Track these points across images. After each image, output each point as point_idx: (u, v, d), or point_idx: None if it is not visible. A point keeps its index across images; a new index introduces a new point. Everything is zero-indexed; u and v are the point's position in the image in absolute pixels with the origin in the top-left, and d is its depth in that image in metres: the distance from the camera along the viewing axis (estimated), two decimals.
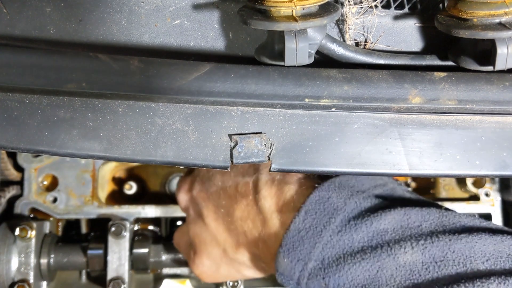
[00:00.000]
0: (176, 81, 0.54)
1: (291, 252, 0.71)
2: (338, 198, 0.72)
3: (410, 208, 0.71)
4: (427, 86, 0.56)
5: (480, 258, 0.66)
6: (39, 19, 0.59)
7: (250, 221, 0.78)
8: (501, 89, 0.56)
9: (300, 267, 0.71)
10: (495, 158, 0.60)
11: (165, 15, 0.59)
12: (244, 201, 0.79)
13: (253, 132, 0.58)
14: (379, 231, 0.69)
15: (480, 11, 0.54)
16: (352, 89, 0.55)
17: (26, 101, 0.56)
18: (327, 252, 0.70)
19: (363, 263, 0.68)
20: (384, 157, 0.59)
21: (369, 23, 0.61)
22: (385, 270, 0.67)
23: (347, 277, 0.68)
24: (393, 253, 0.67)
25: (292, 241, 0.71)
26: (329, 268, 0.69)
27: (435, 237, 0.68)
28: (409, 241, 0.68)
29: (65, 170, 0.97)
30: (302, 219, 0.72)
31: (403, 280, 0.66)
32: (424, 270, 0.66)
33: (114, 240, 0.93)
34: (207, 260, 0.84)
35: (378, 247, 0.68)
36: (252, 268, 0.83)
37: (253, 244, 0.79)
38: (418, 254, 0.67)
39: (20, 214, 0.96)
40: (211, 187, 0.83)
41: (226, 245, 0.82)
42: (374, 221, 0.69)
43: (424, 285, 0.65)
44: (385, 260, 0.67)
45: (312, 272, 0.70)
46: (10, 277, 0.89)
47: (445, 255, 0.66)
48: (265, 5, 0.53)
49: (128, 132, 0.57)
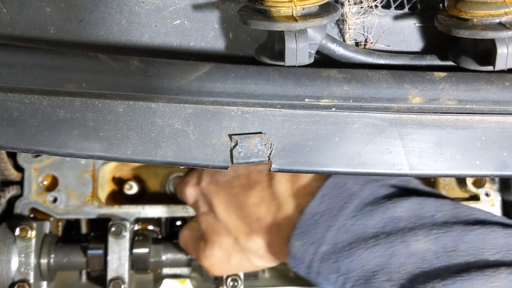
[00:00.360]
0: (176, 81, 0.54)
1: (305, 235, 0.72)
2: (354, 184, 0.73)
3: (424, 198, 0.72)
4: (427, 86, 0.56)
5: (491, 250, 0.67)
6: (39, 19, 0.59)
7: (265, 206, 0.79)
8: (501, 89, 0.56)
9: (313, 250, 0.71)
10: (495, 158, 0.60)
11: (165, 15, 0.59)
12: (259, 187, 0.79)
13: (253, 132, 0.58)
14: (394, 218, 0.70)
15: (480, 11, 0.54)
16: (352, 89, 0.55)
17: (26, 101, 0.56)
18: (340, 236, 0.70)
19: (375, 249, 0.68)
20: (384, 157, 0.59)
21: (369, 23, 0.61)
22: (397, 256, 0.67)
23: (359, 261, 0.68)
24: (406, 240, 0.68)
25: (307, 224, 0.72)
26: (342, 252, 0.69)
27: (449, 227, 0.68)
28: (423, 230, 0.68)
29: (65, 170, 0.97)
30: (318, 202, 0.72)
31: (413, 268, 0.67)
32: (434, 259, 0.67)
33: (114, 240, 0.93)
34: (219, 250, 0.84)
35: (392, 234, 0.69)
36: (264, 256, 0.82)
37: (267, 230, 0.79)
38: (430, 243, 0.67)
39: (20, 214, 0.96)
40: (221, 177, 0.83)
41: (238, 233, 0.81)
42: (389, 207, 0.70)
43: (434, 273, 0.66)
44: (397, 246, 0.68)
45: (325, 256, 0.70)
46: (10, 277, 0.89)
47: (457, 245, 0.67)
48: (265, 5, 0.53)
49: (128, 132, 0.57)
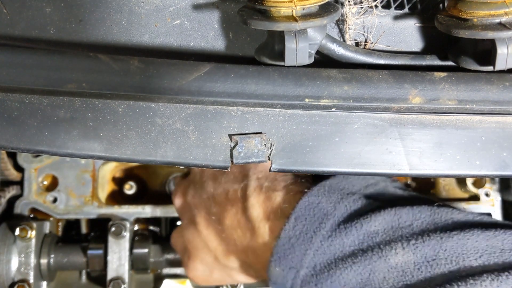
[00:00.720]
0: (176, 81, 0.54)
1: (283, 261, 0.71)
2: (327, 202, 0.72)
3: (400, 207, 0.71)
4: (427, 86, 0.56)
5: (473, 255, 0.66)
6: (39, 19, 0.59)
7: (240, 230, 0.78)
8: (501, 89, 0.56)
9: (293, 275, 0.70)
10: (495, 158, 0.60)
11: (165, 15, 0.59)
12: (234, 209, 0.79)
13: (253, 132, 0.58)
14: (370, 234, 0.69)
15: (480, 11, 0.54)
16: (352, 89, 0.55)
17: (26, 101, 0.56)
18: (318, 259, 0.69)
19: (354, 267, 0.67)
20: (384, 157, 0.59)
21: (369, 23, 0.61)
22: (377, 272, 0.67)
23: (339, 282, 0.68)
24: (384, 255, 0.67)
25: (283, 249, 0.71)
26: (321, 274, 0.69)
27: (426, 236, 0.67)
28: (400, 242, 0.67)
29: (65, 170, 0.97)
30: (292, 226, 0.71)
31: (395, 282, 0.66)
32: (416, 271, 0.66)
33: (114, 240, 0.93)
34: (200, 265, 0.85)
35: (369, 250, 0.68)
36: (243, 273, 0.84)
37: (243, 253, 0.79)
38: (410, 255, 0.66)
39: (20, 214, 0.96)
40: (203, 193, 0.83)
41: (217, 252, 0.82)
42: (364, 223, 0.69)
43: (417, 285, 0.65)
44: (376, 262, 0.67)
45: (305, 280, 0.70)
46: (10, 277, 0.89)
47: (437, 254, 0.66)
48: (265, 5, 0.53)
49: (128, 132, 0.57)
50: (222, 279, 0.87)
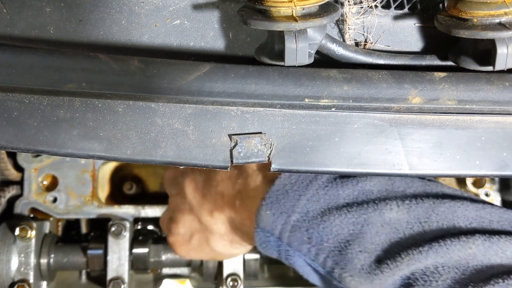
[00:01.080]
0: (176, 81, 0.54)
1: (275, 204, 0.71)
2: None
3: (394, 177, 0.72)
4: (427, 86, 0.56)
5: (463, 222, 0.67)
6: (39, 19, 0.59)
7: (231, 181, 0.79)
8: (501, 89, 0.56)
9: (283, 220, 0.70)
10: (495, 158, 0.60)
11: (165, 15, 0.59)
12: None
13: (253, 132, 0.58)
14: (365, 191, 0.70)
15: (480, 11, 0.54)
16: (352, 89, 0.55)
17: (26, 101, 0.56)
18: (312, 205, 0.70)
19: (348, 215, 0.68)
20: (384, 157, 0.59)
21: (369, 23, 0.61)
22: (371, 225, 0.67)
23: (331, 229, 0.68)
24: (379, 209, 0.68)
25: (276, 194, 0.71)
26: (313, 220, 0.69)
27: (420, 199, 0.69)
28: (395, 200, 0.68)
29: (65, 170, 0.97)
30: (289, 174, 0.72)
31: (388, 238, 0.67)
32: (408, 229, 0.67)
33: (114, 240, 0.93)
34: (182, 227, 0.85)
35: (364, 203, 0.69)
36: (224, 236, 0.83)
37: (230, 205, 0.79)
38: (404, 213, 0.67)
39: (20, 214, 0.96)
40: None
41: (201, 211, 0.82)
42: (360, 181, 0.70)
43: (409, 242, 0.66)
44: (371, 214, 0.67)
45: (295, 225, 0.70)
46: (10, 277, 0.89)
47: (429, 216, 0.67)
48: (265, 5, 0.53)
49: (128, 132, 0.57)
50: (200, 246, 0.86)
